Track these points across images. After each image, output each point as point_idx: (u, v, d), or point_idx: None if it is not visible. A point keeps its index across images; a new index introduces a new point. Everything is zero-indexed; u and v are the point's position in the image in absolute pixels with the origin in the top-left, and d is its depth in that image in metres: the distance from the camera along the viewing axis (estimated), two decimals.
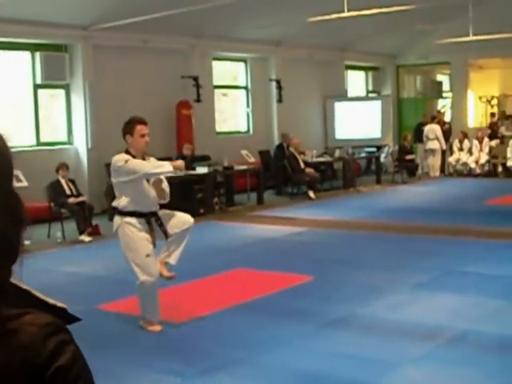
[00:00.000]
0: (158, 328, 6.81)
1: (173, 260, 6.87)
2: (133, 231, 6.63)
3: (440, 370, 5.58)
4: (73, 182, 12.72)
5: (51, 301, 1.33)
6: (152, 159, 6.94)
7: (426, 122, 21.70)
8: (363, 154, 20.86)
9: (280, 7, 16.59)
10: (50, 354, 1.21)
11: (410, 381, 5.46)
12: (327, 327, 6.75)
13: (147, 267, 6.61)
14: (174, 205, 14.72)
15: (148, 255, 6.61)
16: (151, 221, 6.70)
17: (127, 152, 6.72)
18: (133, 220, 6.65)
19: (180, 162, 6.91)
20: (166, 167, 6.63)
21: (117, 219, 6.75)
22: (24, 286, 1.29)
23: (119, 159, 6.63)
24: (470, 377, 5.48)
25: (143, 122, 6.89)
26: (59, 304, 1.34)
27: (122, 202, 6.67)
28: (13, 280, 1.28)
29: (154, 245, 6.75)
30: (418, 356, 5.86)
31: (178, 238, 6.82)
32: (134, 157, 6.64)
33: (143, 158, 6.79)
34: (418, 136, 21.39)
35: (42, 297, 1.31)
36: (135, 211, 6.64)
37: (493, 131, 21.67)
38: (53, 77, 14.77)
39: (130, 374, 5.72)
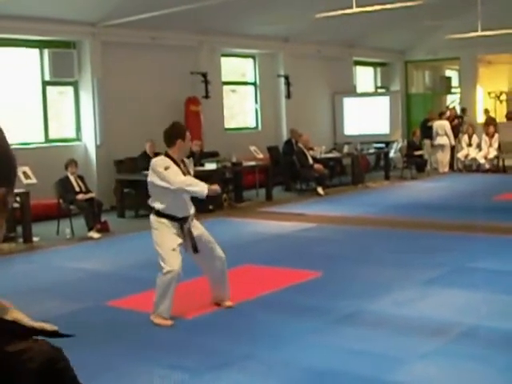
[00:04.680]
0: (168, 322, 6.85)
1: (229, 302, 7.37)
2: (163, 225, 6.87)
3: (449, 366, 5.57)
4: (81, 178, 12.74)
5: (38, 325, 1.24)
6: (189, 161, 7.42)
7: (432, 118, 21.71)
8: (372, 150, 20.82)
9: (288, 3, 16.58)
10: None
11: (419, 376, 5.45)
12: (336, 323, 6.74)
13: (171, 259, 6.78)
14: None
15: (174, 249, 6.81)
16: (184, 227, 6.91)
17: (167, 155, 6.93)
18: (166, 221, 6.89)
19: (216, 187, 7.16)
20: (200, 189, 6.84)
21: (152, 219, 7.00)
22: (8, 318, 1.22)
23: (159, 164, 6.87)
24: (479, 372, 5.46)
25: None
26: (48, 328, 1.25)
27: (157, 204, 6.93)
28: None
29: (186, 249, 7.04)
30: (427, 352, 5.84)
31: (220, 278, 7.28)
32: (174, 161, 6.87)
33: (182, 161, 7.05)
34: (424, 132, 21.32)
35: (29, 323, 1.23)
36: (170, 214, 6.89)
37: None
38: (61, 74, 14.78)
39: (138, 370, 5.73)
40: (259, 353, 6.00)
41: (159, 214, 6.90)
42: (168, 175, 6.75)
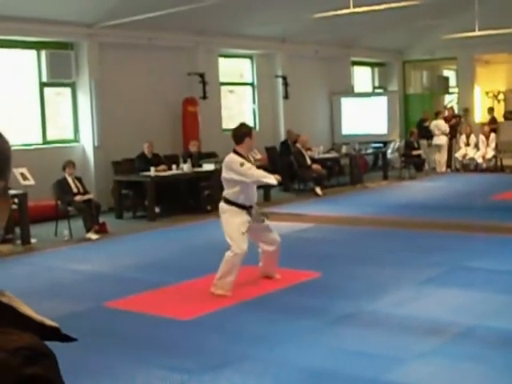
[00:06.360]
0: (229, 293, 7.80)
1: (277, 275, 8.48)
2: (234, 211, 7.84)
3: (446, 366, 5.57)
4: (79, 179, 12.74)
5: (38, 317, 1.12)
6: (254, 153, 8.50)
7: (427, 117, 21.79)
8: (370, 150, 20.84)
9: (285, 3, 16.58)
10: None
11: (416, 376, 5.45)
12: (334, 323, 6.75)
13: (240, 242, 7.77)
14: (182, 202, 14.77)
15: (242, 233, 7.81)
16: (251, 212, 7.91)
17: (236, 152, 7.96)
18: (236, 209, 7.86)
19: (278, 177, 8.23)
20: (270, 179, 8.01)
21: (222, 205, 7.96)
22: (5, 300, 1.10)
23: (235, 161, 7.86)
24: (476, 372, 5.47)
25: None
26: (48, 322, 1.13)
27: (230, 193, 7.89)
28: None
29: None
30: (425, 351, 5.85)
31: (271, 257, 8.33)
32: (244, 157, 7.94)
33: (249, 156, 8.38)
34: (421, 132, 21.34)
35: (27, 312, 1.11)
36: (240, 204, 7.86)
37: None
38: (59, 75, 14.77)
39: (136, 371, 5.72)
40: (257, 353, 6.00)
41: (230, 202, 7.84)
42: (244, 171, 7.75)
